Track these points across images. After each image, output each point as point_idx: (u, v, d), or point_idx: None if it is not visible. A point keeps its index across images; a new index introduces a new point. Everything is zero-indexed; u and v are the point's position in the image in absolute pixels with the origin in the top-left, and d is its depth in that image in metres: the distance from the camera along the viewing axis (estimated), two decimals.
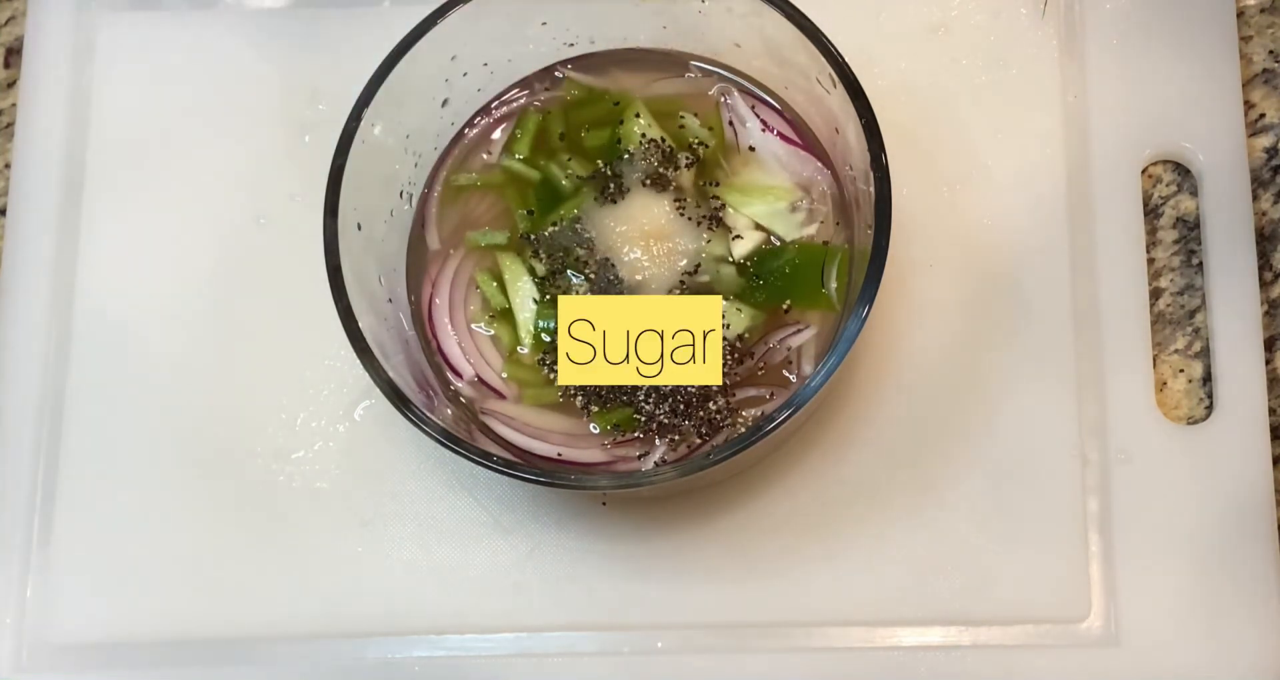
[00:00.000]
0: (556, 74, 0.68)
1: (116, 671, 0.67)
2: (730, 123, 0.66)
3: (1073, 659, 0.65)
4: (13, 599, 0.68)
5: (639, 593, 0.66)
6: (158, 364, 0.70)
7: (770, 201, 0.65)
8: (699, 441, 0.62)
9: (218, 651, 0.67)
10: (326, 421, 0.69)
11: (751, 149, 0.66)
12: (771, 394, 0.63)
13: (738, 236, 0.64)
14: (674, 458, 0.62)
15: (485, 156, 0.67)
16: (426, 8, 0.61)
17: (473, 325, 0.65)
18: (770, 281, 0.64)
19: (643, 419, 0.62)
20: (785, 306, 0.63)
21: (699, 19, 0.64)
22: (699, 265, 0.64)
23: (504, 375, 0.64)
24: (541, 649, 0.66)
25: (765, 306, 0.64)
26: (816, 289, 0.64)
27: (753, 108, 0.66)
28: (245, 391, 0.69)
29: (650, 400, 0.62)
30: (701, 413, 0.62)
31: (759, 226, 0.64)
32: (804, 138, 0.66)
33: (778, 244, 0.64)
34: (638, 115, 0.65)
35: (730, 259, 0.64)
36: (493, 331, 0.65)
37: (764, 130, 0.66)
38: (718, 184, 0.65)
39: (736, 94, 0.67)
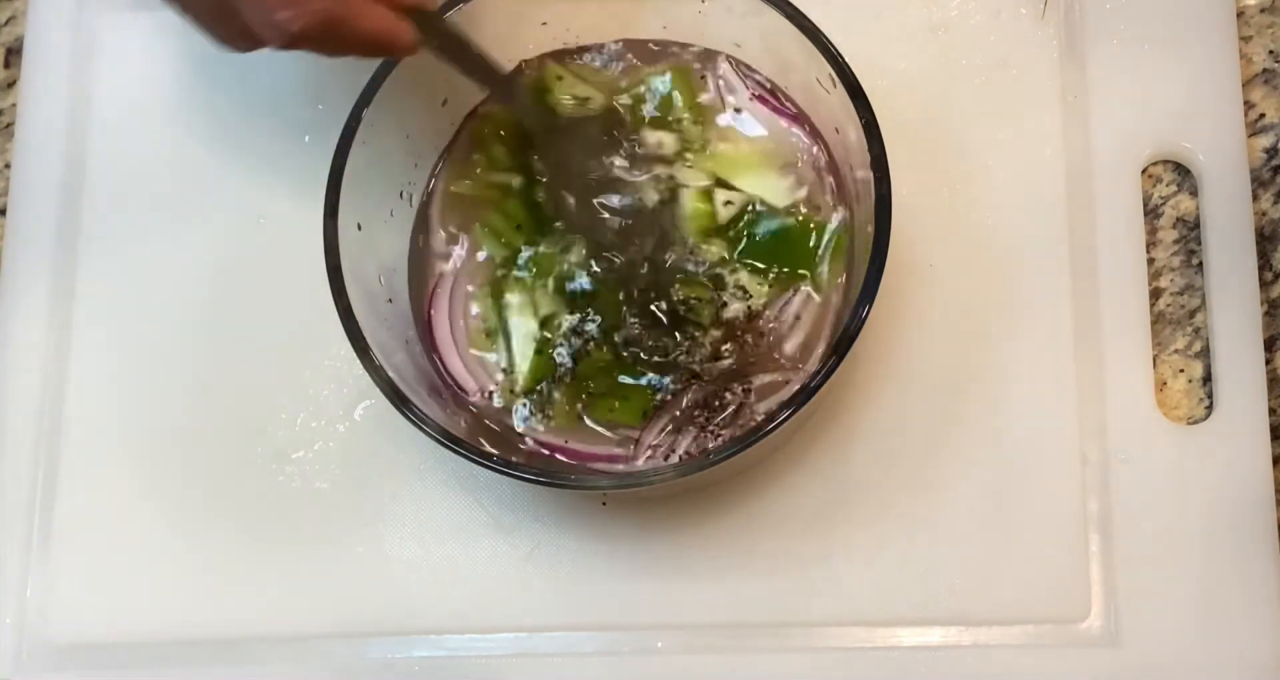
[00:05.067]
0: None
1: (116, 671, 0.67)
2: (718, 91, 0.66)
3: (1073, 659, 0.65)
4: (13, 599, 0.68)
5: (639, 592, 0.66)
6: (157, 363, 0.70)
7: (758, 168, 0.65)
8: (712, 428, 0.62)
9: (217, 651, 0.67)
10: (326, 421, 0.69)
11: (739, 111, 0.65)
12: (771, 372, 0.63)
13: (728, 203, 0.64)
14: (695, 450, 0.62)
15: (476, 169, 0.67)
16: None
17: (474, 350, 0.65)
18: (763, 246, 0.64)
19: (656, 401, 0.62)
20: (776, 272, 0.64)
21: (699, 19, 0.64)
22: (690, 241, 0.64)
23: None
24: (542, 649, 0.66)
25: (760, 275, 0.64)
26: (809, 260, 0.64)
27: (744, 79, 0.66)
28: (245, 391, 0.69)
29: (666, 383, 0.62)
30: (718, 397, 0.62)
31: (747, 193, 0.65)
32: (795, 112, 0.66)
33: (765, 210, 0.65)
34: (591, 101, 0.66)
35: (718, 227, 0.64)
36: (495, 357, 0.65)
37: (753, 98, 0.66)
38: (695, 154, 0.65)
39: (726, 63, 0.66)
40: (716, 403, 0.62)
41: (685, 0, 0.64)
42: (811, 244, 0.64)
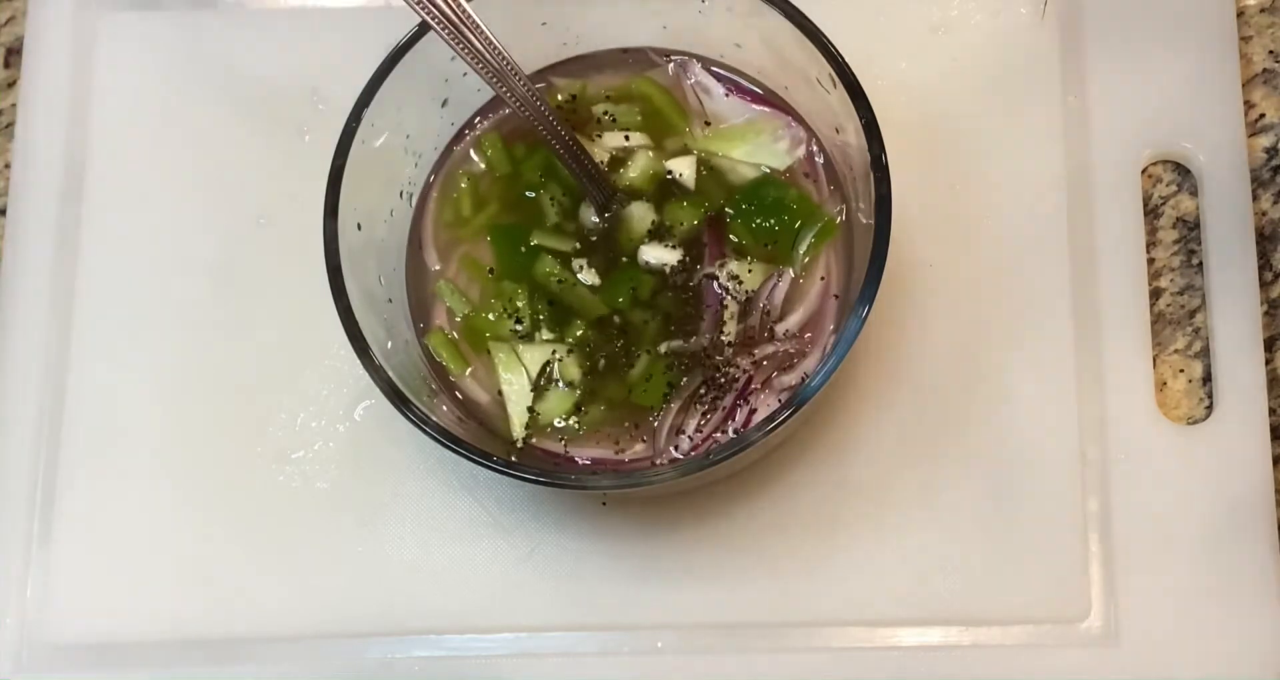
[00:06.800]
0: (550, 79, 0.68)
1: (116, 671, 0.67)
2: (694, 91, 0.67)
3: (1072, 659, 0.65)
4: (13, 599, 0.68)
5: (639, 593, 0.67)
6: (158, 363, 0.70)
7: (751, 137, 0.66)
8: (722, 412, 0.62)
9: (217, 651, 0.67)
10: (327, 421, 0.69)
11: (726, 94, 0.66)
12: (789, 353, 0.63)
13: (717, 170, 0.65)
14: (699, 438, 0.62)
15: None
16: None
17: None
18: (757, 213, 0.64)
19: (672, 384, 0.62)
20: (764, 251, 0.64)
21: (699, 19, 0.64)
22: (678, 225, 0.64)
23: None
24: (541, 649, 0.66)
25: (764, 250, 0.64)
26: (800, 222, 0.64)
27: (718, 77, 0.67)
28: (245, 391, 0.69)
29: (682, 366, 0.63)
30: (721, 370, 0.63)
31: (748, 165, 0.65)
32: (774, 100, 0.66)
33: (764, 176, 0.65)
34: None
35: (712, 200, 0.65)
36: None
37: (728, 94, 0.66)
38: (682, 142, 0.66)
39: (697, 65, 0.67)
40: (723, 380, 0.63)
41: (686, 1, 0.64)
42: (800, 208, 0.64)
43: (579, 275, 0.64)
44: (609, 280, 0.64)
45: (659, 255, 0.64)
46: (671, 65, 0.67)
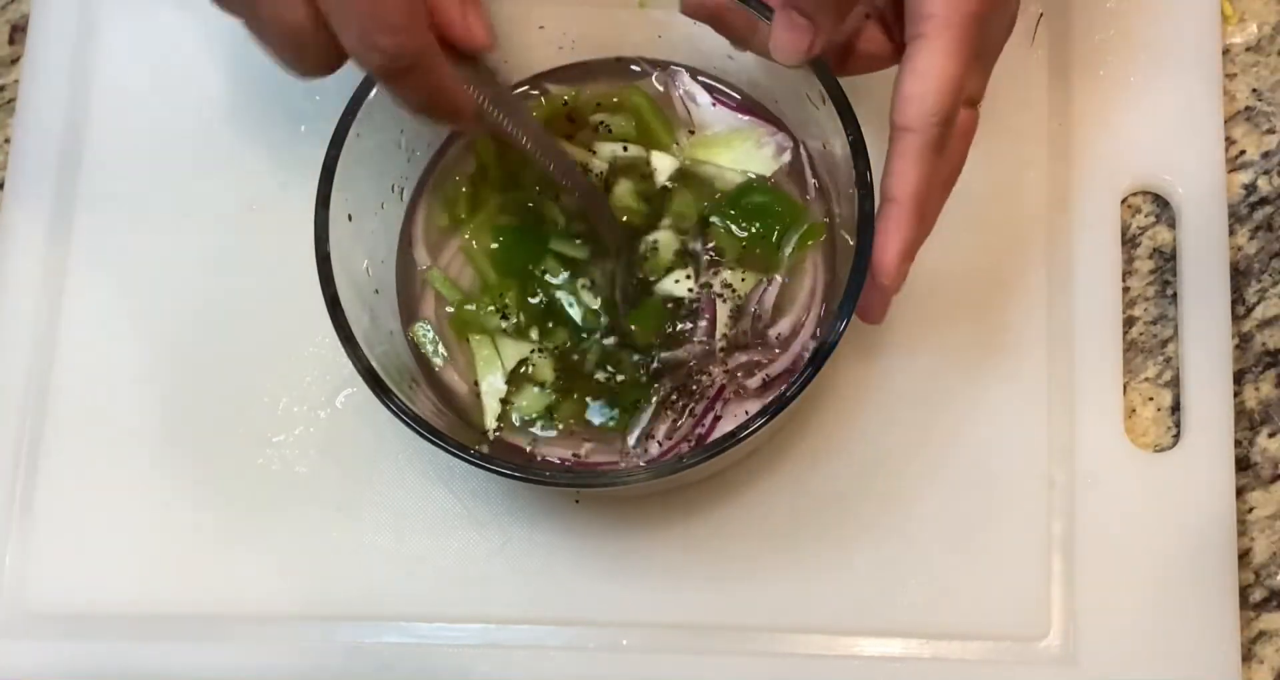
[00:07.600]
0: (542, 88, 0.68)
1: (91, 642, 0.67)
2: (682, 100, 0.67)
3: (1029, 676, 0.66)
4: None
5: (607, 590, 0.67)
6: (144, 340, 0.70)
7: (736, 144, 0.66)
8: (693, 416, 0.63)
9: (189, 628, 0.67)
10: (308, 407, 0.69)
11: (714, 104, 0.67)
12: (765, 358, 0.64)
13: (697, 177, 0.66)
14: (669, 443, 0.63)
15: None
16: None
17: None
18: (743, 216, 0.65)
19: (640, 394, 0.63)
20: (750, 258, 0.65)
21: (693, 29, 0.64)
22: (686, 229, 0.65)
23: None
24: (508, 641, 0.67)
25: (751, 255, 0.65)
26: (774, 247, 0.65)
27: (706, 87, 0.67)
28: (229, 373, 0.70)
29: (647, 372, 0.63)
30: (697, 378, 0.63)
31: (734, 171, 0.66)
32: (761, 112, 0.67)
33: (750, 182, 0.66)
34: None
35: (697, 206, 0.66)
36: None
37: (715, 104, 0.67)
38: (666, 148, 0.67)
39: (686, 75, 0.68)
40: (694, 387, 0.63)
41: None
42: (785, 211, 0.65)
43: (568, 277, 0.65)
44: (596, 284, 0.65)
45: (662, 278, 0.65)
46: (663, 74, 0.68)
